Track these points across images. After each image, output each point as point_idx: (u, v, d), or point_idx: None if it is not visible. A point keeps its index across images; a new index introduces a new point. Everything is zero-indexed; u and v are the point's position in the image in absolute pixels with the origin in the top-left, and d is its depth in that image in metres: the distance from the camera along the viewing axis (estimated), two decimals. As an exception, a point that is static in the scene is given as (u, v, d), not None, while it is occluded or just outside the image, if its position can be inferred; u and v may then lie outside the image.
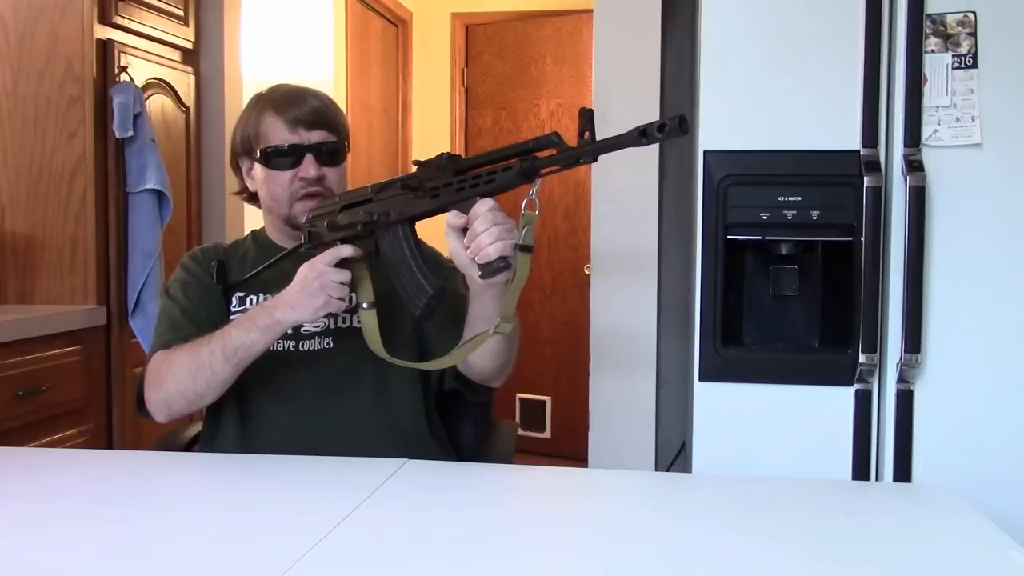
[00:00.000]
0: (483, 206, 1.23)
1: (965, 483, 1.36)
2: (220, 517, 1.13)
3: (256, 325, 1.38)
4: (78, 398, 2.41)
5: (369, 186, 1.38)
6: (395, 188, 1.34)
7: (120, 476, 1.37)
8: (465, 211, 1.24)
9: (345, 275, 1.36)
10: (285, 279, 1.39)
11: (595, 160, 1.17)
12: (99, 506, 1.18)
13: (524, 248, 1.23)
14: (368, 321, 1.40)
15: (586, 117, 1.15)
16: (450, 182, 1.26)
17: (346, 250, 1.36)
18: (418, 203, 1.30)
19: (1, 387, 2.16)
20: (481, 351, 1.38)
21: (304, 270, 1.36)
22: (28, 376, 2.23)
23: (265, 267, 1.54)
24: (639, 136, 1.11)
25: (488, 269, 1.23)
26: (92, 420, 2.47)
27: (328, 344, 1.51)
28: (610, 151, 1.15)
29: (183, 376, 1.42)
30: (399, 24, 4.74)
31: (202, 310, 1.51)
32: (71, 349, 2.41)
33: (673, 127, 1.08)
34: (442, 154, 1.28)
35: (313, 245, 1.42)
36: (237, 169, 1.61)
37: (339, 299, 1.35)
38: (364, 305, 1.40)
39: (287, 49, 3.60)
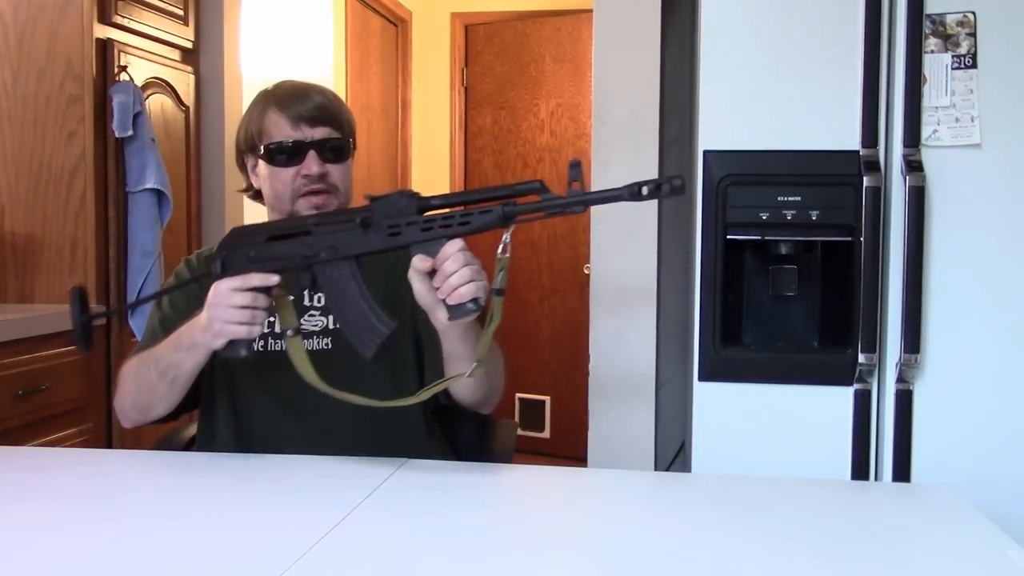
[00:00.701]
0: (453, 247, 1.22)
1: (965, 483, 1.36)
2: (220, 517, 1.13)
3: (180, 345, 1.37)
4: (78, 397, 2.42)
5: (308, 216, 1.35)
6: (338, 222, 1.30)
7: (119, 476, 1.37)
8: (431, 252, 1.23)
9: (244, 298, 1.29)
10: None
11: (584, 211, 1.19)
12: (98, 506, 1.18)
13: (499, 292, 1.24)
14: (295, 350, 1.34)
15: (577, 168, 1.17)
16: (414, 221, 1.24)
17: (255, 279, 1.30)
18: (372, 240, 1.27)
19: (1, 386, 2.16)
20: (461, 386, 1.39)
21: (209, 294, 1.33)
22: (28, 375, 2.23)
23: (166, 290, 1.55)
24: (635, 192, 1.15)
25: (459, 310, 1.23)
26: (92, 419, 2.47)
27: (327, 345, 1.50)
28: (600, 204, 1.19)
29: (132, 388, 1.45)
30: (399, 24, 4.74)
31: (183, 320, 1.45)
32: (71, 348, 2.40)
33: (676, 188, 1.13)
34: (401, 191, 1.26)
35: (224, 276, 1.34)
36: (243, 166, 1.60)
37: (238, 324, 1.29)
38: (289, 333, 1.35)
39: (287, 49, 3.61)
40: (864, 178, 1.77)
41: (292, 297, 1.41)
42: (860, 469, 1.81)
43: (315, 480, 1.29)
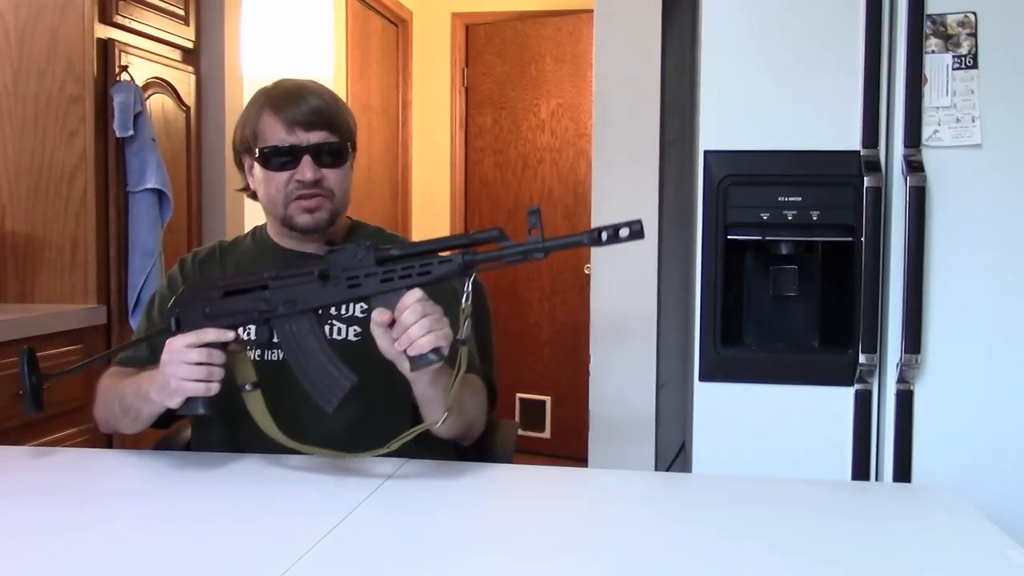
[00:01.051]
0: (411, 297, 1.22)
1: (965, 483, 1.36)
2: (219, 517, 1.13)
3: (140, 392, 1.37)
4: (78, 397, 2.41)
5: (265, 272, 1.33)
6: (296, 275, 1.30)
7: (119, 476, 1.37)
8: (391, 304, 1.23)
9: (198, 355, 1.28)
10: None
11: (545, 257, 1.19)
12: (97, 506, 1.18)
13: (463, 342, 1.25)
14: (254, 404, 1.34)
15: (535, 215, 1.17)
16: (374, 272, 1.24)
17: (210, 334, 1.29)
18: (331, 292, 1.27)
19: (1, 386, 2.16)
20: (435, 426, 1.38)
21: (164, 352, 1.30)
22: (28, 375, 2.23)
23: (137, 341, 1.54)
24: (595, 238, 1.15)
25: (420, 361, 1.23)
26: (92, 419, 2.46)
27: None
28: (560, 250, 1.18)
29: (102, 407, 1.48)
30: (399, 24, 4.74)
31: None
32: (71, 348, 2.41)
33: (635, 232, 1.13)
34: (359, 243, 1.26)
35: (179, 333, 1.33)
36: (240, 166, 1.60)
37: (195, 381, 1.28)
38: (247, 387, 1.34)
39: (287, 48, 3.61)
40: (865, 178, 1.77)
41: (256, 349, 1.42)
42: (860, 469, 1.81)
43: (314, 481, 1.29)
